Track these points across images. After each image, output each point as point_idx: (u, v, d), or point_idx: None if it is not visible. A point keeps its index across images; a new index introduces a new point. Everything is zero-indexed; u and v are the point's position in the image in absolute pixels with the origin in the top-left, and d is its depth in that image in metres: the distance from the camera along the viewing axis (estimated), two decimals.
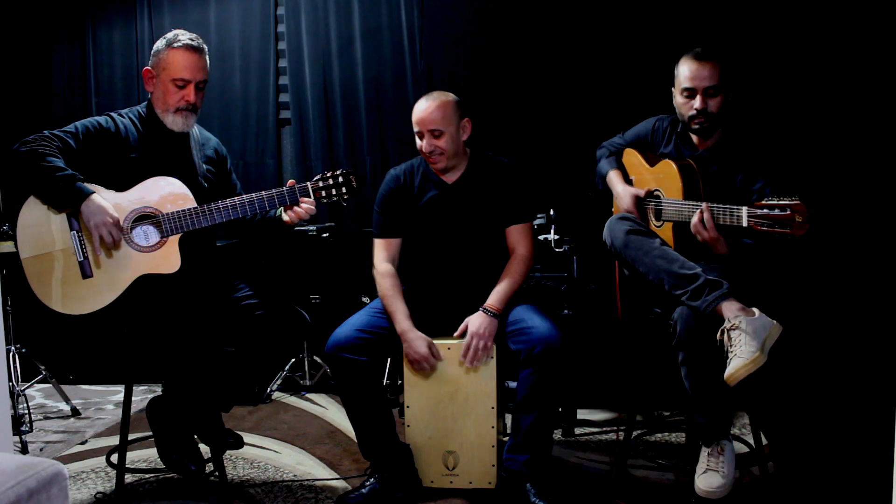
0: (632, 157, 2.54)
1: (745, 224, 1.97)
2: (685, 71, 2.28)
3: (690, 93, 2.28)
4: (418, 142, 2.41)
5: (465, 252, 2.46)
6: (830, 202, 3.13)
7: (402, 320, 2.33)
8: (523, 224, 2.47)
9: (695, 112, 2.28)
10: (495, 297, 2.35)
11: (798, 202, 1.87)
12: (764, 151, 2.28)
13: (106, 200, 2.15)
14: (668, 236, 2.30)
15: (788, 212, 1.86)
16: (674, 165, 2.29)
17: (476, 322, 2.32)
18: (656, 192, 2.38)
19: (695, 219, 2.10)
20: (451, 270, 2.47)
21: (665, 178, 2.33)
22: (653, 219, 2.40)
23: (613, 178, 2.52)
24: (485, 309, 2.33)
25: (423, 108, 2.38)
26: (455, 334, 2.36)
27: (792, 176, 2.25)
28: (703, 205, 2.08)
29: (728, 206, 2.03)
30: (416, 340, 2.31)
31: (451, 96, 2.42)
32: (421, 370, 2.34)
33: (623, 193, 2.45)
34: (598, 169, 2.62)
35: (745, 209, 1.97)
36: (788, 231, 1.87)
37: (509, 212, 2.45)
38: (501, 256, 2.46)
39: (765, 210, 1.91)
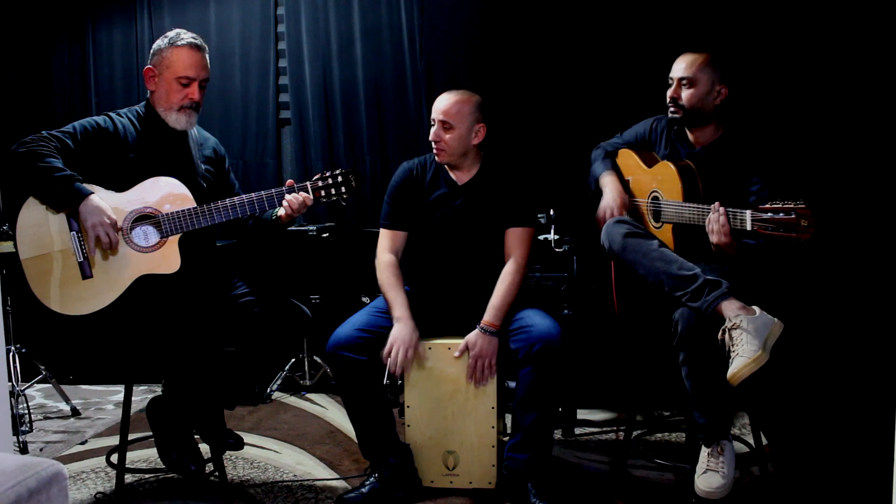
0: (627, 158, 2.53)
1: (749, 228, 1.96)
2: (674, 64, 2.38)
3: (671, 81, 2.36)
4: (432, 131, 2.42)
5: (470, 253, 2.45)
6: (830, 200, 3.13)
7: (400, 308, 2.33)
8: (524, 228, 2.42)
9: (669, 99, 2.34)
10: (492, 314, 2.32)
11: (803, 206, 1.85)
12: (764, 151, 2.28)
13: (104, 201, 2.15)
14: (668, 238, 2.30)
15: (794, 216, 1.85)
16: (672, 167, 2.28)
17: (477, 344, 2.30)
18: (654, 194, 2.38)
19: (712, 216, 2.06)
20: (455, 270, 2.46)
21: (664, 179, 2.33)
22: (651, 220, 2.40)
23: (606, 181, 2.47)
24: (482, 328, 2.31)
25: (444, 98, 2.41)
26: (456, 355, 2.34)
27: (791, 176, 2.25)
28: (721, 208, 2.04)
29: (732, 210, 2.03)
30: (406, 327, 2.29)
31: (475, 97, 2.42)
32: (393, 361, 2.27)
33: (608, 199, 2.42)
34: (592, 170, 2.59)
35: (748, 213, 1.96)
36: (794, 235, 1.85)
37: (511, 213, 2.43)
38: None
39: (769, 214, 1.90)
